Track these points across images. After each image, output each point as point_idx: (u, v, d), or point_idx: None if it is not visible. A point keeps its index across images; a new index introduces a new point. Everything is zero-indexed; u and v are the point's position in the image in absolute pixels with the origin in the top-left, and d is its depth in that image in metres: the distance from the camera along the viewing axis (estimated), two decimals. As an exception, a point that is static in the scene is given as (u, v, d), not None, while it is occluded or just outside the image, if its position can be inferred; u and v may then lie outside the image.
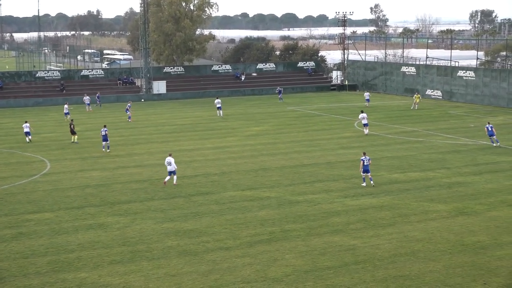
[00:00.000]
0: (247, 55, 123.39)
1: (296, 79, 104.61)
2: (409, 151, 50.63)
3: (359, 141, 55.29)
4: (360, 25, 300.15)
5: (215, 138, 57.72)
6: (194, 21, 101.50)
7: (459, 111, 76.99)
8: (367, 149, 51.32)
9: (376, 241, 29.44)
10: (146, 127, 64.77)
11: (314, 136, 58.69)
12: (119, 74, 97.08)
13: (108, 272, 25.94)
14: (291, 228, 31.45)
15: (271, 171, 44.11)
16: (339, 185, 39.92)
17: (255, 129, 62.97)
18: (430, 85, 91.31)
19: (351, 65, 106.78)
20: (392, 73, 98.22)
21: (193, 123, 68.07)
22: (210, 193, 38.25)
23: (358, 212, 34.15)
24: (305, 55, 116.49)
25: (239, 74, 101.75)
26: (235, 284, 24.66)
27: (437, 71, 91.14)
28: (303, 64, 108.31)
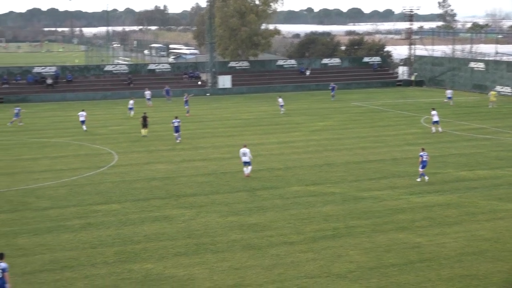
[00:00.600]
0: (312, 50, 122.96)
1: (361, 75, 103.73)
2: (477, 149, 49.63)
3: (426, 138, 54.48)
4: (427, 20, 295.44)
5: (279, 133, 57.76)
6: (260, 16, 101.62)
7: (530, 108, 75.05)
8: (434, 146, 50.59)
9: (442, 239, 28.99)
10: (211, 121, 65.28)
11: (380, 132, 58.12)
12: (185, 68, 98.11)
13: (173, 263, 26.28)
14: (356, 224, 31.24)
15: (336, 166, 43.90)
16: (405, 182, 39.44)
17: (319, 124, 62.73)
18: (499, 81, 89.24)
19: (418, 61, 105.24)
20: (460, 68, 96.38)
21: (258, 117, 68.26)
22: (274, 187, 38.30)
23: (424, 209, 33.68)
24: (371, 50, 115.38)
25: (303, 69, 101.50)
26: (299, 279, 24.65)
27: (507, 67, 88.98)
28: (368, 59, 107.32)
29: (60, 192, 37.36)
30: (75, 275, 25.12)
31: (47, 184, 39.27)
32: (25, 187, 38.58)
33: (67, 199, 35.89)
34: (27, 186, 38.81)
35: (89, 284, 24.36)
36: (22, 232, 30.32)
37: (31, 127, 62.12)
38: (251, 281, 24.48)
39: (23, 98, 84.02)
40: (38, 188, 38.33)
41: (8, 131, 59.74)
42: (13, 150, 50.59)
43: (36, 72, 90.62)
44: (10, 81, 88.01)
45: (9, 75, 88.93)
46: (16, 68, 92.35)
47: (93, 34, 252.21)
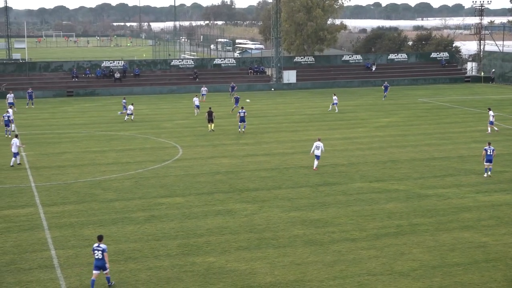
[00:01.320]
0: (379, 45, 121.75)
1: (429, 70, 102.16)
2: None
3: (493, 135, 53.29)
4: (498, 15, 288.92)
5: (343, 129, 57.42)
6: (326, 11, 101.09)
7: None
8: (502, 143, 49.49)
9: (509, 239, 28.35)
10: (275, 116, 65.34)
11: (446, 129, 57.15)
12: (250, 63, 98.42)
13: (235, 257, 26.45)
14: (419, 222, 30.84)
15: (400, 163, 43.39)
16: (471, 180, 38.70)
17: (384, 121, 62.09)
18: None
19: (487, 56, 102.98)
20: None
21: (322, 113, 67.98)
22: (337, 183, 38.13)
23: (490, 208, 32.99)
24: (439, 45, 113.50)
25: (369, 65, 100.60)
26: (360, 276, 24.49)
27: None
28: (436, 55, 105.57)
29: (126, 185, 38.04)
30: (138, 267, 25.55)
31: (113, 177, 40.03)
32: (92, 179, 39.42)
33: (132, 192, 36.51)
34: (94, 178, 39.64)
35: (152, 275, 24.74)
36: (88, 223, 31.00)
37: (99, 120, 63.37)
38: (312, 277, 24.45)
39: (91, 92, 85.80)
40: (104, 180, 39.11)
41: (76, 124, 61.11)
42: (81, 142, 51.72)
43: (104, 66, 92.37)
44: (79, 75, 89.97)
45: (78, 69, 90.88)
46: (85, 62, 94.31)
47: (160, 29, 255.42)
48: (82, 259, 26.16)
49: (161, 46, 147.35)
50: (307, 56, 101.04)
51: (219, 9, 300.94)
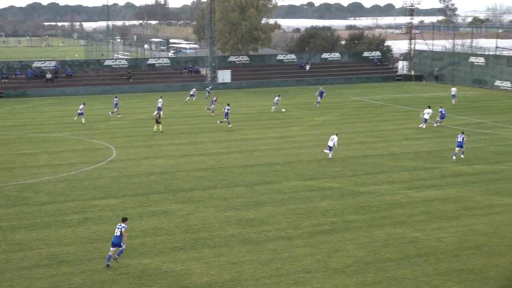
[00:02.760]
0: (312, 45, 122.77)
1: (361, 69, 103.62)
2: (475, 143, 49.62)
3: (424, 133, 54.49)
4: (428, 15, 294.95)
5: (278, 128, 57.75)
6: (260, 10, 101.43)
7: (529, 102, 75.00)
8: (433, 140, 50.66)
9: (439, 234, 29.04)
10: (210, 116, 65.21)
11: (378, 126, 58.10)
12: (185, 63, 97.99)
13: (170, 258, 26.31)
14: (353, 219, 31.29)
15: (334, 161, 43.90)
16: (403, 177, 39.48)
17: (319, 119, 62.72)
18: (499, 76, 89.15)
19: (418, 55, 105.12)
20: (459, 63, 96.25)
21: (257, 112, 68.23)
22: (273, 182, 38.33)
23: (422, 204, 33.72)
24: (371, 45, 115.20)
25: (303, 64, 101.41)
26: (296, 273, 24.69)
27: (507, 61, 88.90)
28: (368, 54, 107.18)
29: (58, 187, 37.39)
30: (72, 270, 25.16)
31: (45, 179, 39.30)
32: (23, 182, 38.61)
33: (65, 194, 35.92)
34: (25, 181, 38.83)
35: (87, 279, 24.39)
36: (20, 227, 30.36)
37: (31, 122, 62.09)
38: (248, 276, 24.52)
39: (22, 93, 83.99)
40: (36, 183, 38.36)
41: (6, 126, 59.74)
42: (12, 145, 50.60)
43: (35, 66, 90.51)
44: (9, 76, 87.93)
45: (8, 69, 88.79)
46: (15, 63, 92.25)
47: (93, 29, 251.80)
48: (13, 264, 25.59)
49: (94, 46, 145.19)
50: (242, 55, 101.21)
51: (153, 9, 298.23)
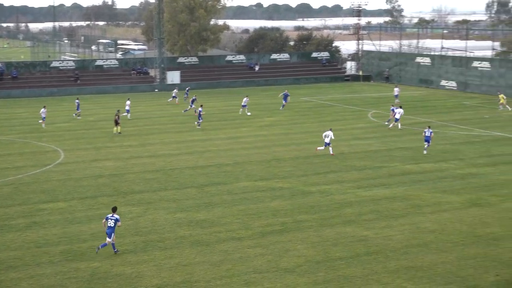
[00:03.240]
0: (261, 46, 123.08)
1: (310, 70, 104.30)
2: (422, 142, 50.33)
3: (373, 132, 55.15)
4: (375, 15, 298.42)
5: (228, 129, 57.76)
6: (209, 11, 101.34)
7: (474, 102, 76.53)
8: (381, 140, 51.29)
9: (388, 232, 29.42)
10: (160, 117, 64.88)
11: (328, 126, 58.39)
12: (133, 64, 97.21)
13: (120, 261, 26.08)
14: (304, 218, 31.48)
15: (284, 161, 44.12)
16: (352, 176, 39.88)
17: (268, 120, 62.93)
18: (445, 75, 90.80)
19: (366, 56, 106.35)
20: (406, 63, 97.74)
21: (207, 113, 67.95)
22: (223, 183, 38.32)
23: (371, 203, 34.12)
24: (319, 45, 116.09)
25: (253, 65, 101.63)
26: (247, 274, 24.73)
27: (452, 61, 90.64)
28: (317, 54, 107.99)
29: (5, 191, 36.70)
30: (19, 276, 24.72)
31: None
32: (-32, 186, 37.79)
33: (12, 198, 35.28)
34: (-30, 185, 38.02)
35: (35, 284, 24.00)
36: (-35, 232, 29.71)
37: (-25, 125, 60.83)
38: (199, 278, 24.46)
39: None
40: (-19, 187, 37.58)
41: (-50, 129, 58.38)
42: (-44, 148, 49.50)
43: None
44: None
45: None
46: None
47: (39, 30, 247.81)
48: (-42, 270, 25.04)
49: (40, 47, 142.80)
50: (191, 56, 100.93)
51: (100, 10, 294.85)
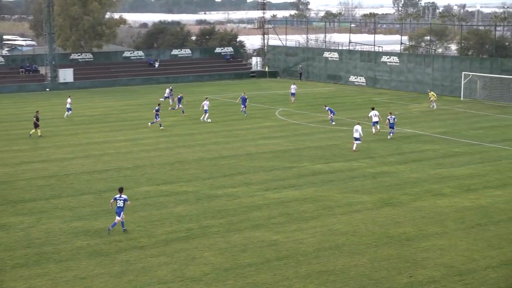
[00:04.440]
0: (161, 41, 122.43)
1: (214, 66, 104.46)
2: (332, 141, 51.37)
3: (281, 131, 55.73)
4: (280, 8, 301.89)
5: (127, 130, 57.12)
6: (103, 4, 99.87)
7: (383, 98, 78.57)
8: (289, 139, 51.90)
9: (299, 235, 29.76)
10: (52, 119, 63.44)
11: (233, 126, 58.81)
12: (22, 61, 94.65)
13: (11, 276, 25.33)
14: (210, 224, 31.46)
15: (188, 164, 44.00)
16: (260, 178, 40.16)
17: (170, 120, 62.58)
18: (353, 71, 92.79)
19: (272, 51, 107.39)
20: (314, 59, 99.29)
21: (104, 113, 67.15)
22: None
23: (280, 205, 34.44)
24: (223, 40, 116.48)
25: (152, 61, 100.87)
26: (151, 285, 24.50)
27: (360, 56, 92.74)
28: (220, 50, 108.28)
29: None
30: None
31: None
32: None
33: None
34: None
35: None
36: None
37: None
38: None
39: None
40: None
41: None
42: None
43: None
44: None
45: None
46: None
47: None
48: None
49: None
50: (85, 52, 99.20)
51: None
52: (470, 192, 36.82)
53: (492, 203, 34.75)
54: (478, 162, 44.27)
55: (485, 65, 77.56)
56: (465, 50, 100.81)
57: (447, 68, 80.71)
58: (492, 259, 26.74)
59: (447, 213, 32.96)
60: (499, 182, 38.97)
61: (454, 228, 30.65)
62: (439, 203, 34.69)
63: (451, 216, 32.53)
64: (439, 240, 28.97)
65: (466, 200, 35.22)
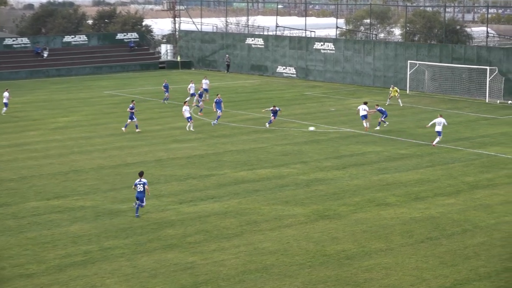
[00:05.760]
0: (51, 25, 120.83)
1: (115, 55, 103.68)
2: (258, 143, 51.60)
3: (196, 132, 55.66)
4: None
5: (10, 133, 56.25)
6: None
7: (317, 91, 79.40)
8: (207, 141, 51.95)
9: (220, 256, 29.75)
10: None
11: (140, 127, 58.41)
12: None
13: None
14: (113, 245, 31.17)
15: (86, 173, 43.57)
16: (173, 188, 40.04)
17: (63, 120, 61.90)
18: (281, 60, 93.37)
19: (184, 37, 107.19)
20: (235, 46, 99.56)
21: (-19, 114, 65.88)
22: (6, 204, 37.23)
23: (197, 221, 34.39)
24: (126, 24, 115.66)
25: (40, 50, 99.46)
26: (41, 321, 24.14)
27: (289, 43, 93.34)
28: (123, 36, 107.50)
29: None
30: None
31: None
32: None
33: None
34: None
35: None
36: None
37: None
38: (-23, 330, 23.60)
39: None
40: None
41: None
42: None
43: None
44: None
45: None
46: None
47: None
48: None
49: None
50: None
51: None
52: (418, 201, 37.53)
53: (444, 213, 35.50)
54: (427, 165, 45.20)
55: (433, 52, 79.16)
56: (410, 35, 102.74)
57: (390, 56, 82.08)
58: (445, 279, 27.29)
59: (392, 226, 33.50)
60: (451, 189, 39.85)
61: (401, 244, 31.17)
62: (383, 215, 35.23)
63: (397, 229, 33.08)
64: (383, 258, 29.41)
65: (415, 211, 35.88)
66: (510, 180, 41.69)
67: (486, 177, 42.35)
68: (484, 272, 27.72)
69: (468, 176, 42.47)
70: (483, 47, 78.65)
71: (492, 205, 36.73)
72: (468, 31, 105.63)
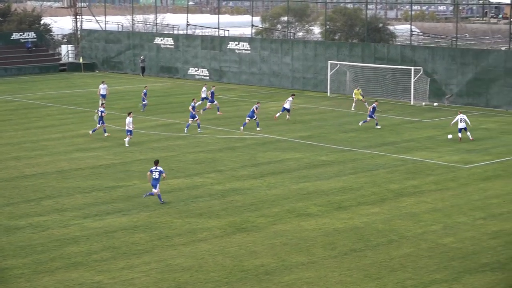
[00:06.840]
0: None
1: (10, 57, 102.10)
2: (168, 151, 51.50)
3: (101, 140, 55.22)
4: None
5: None
6: None
7: (232, 95, 79.63)
8: (113, 150, 51.65)
9: (129, 274, 29.59)
10: None
11: (39, 135, 57.79)
12: None
13: None
14: (10, 265, 30.71)
15: (-22, 187, 42.91)
16: (76, 202, 39.65)
17: (-47, 129, 60.82)
18: (193, 61, 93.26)
19: (87, 37, 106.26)
20: (143, 46, 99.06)
21: None
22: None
23: (104, 236, 34.13)
24: (22, 23, 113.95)
25: None
26: None
27: (201, 43, 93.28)
28: (19, 35, 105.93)
29: None
30: None
31: None
32: None
33: None
34: None
35: None
36: None
37: None
38: None
39: None
40: None
41: None
42: None
43: None
44: None
45: None
46: None
47: None
48: None
49: None
50: None
51: None
52: (341, 211, 37.96)
53: (368, 223, 35.96)
54: (350, 172, 45.75)
55: (355, 52, 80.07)
56: (331, 33, 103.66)
57: (310, 56, 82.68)
58: (370, 293, 27.68)
59: (314, 238, 33.79)
60: (376, 197, 40.41)
61: (323, 256, 31.47)
62: (304, 226, 35.50)
63: (319, 241, 33.38)
64: (305, 272, 29.63)
65: (337, 221, 36.26)
66: (437, 187, 42.50)
67: (412, 184, 43.09)
68: (411, 284, 28.18)
69: (393, 183, 43.14)
70: (407, 46, 79.81)
71: (419, 213, 37.38)
72: (391, 29, 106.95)
